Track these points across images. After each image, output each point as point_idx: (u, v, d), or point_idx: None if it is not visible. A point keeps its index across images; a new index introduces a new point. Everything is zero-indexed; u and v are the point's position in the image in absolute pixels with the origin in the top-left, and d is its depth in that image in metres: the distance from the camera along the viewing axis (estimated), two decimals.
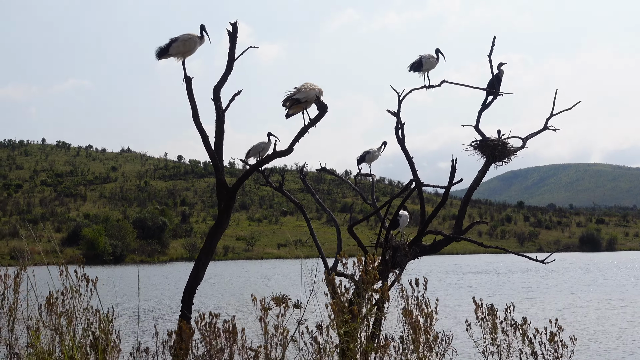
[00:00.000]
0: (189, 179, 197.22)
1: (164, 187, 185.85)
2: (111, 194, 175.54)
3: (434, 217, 13.15)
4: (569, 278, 68.75)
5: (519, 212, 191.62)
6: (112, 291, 42.60)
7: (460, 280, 66.91)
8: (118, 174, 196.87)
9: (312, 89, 11.17)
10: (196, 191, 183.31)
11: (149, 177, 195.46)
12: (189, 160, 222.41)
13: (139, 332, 9.59)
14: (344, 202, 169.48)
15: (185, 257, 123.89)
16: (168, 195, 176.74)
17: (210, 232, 11.32)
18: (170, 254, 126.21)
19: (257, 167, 11.98)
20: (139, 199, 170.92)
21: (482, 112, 14.55)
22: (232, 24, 11.36)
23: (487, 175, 14.28)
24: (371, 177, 16.80)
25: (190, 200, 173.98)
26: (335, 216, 16.25)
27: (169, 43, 11.56)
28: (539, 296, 49.95)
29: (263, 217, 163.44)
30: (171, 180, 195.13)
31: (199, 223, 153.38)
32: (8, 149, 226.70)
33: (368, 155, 16.42)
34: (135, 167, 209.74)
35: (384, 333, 8.26)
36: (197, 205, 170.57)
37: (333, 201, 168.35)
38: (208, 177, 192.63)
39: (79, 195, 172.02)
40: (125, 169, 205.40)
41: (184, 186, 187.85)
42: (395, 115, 14.22)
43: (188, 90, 11.35)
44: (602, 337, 31.48)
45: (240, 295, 48.48)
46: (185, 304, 10.60)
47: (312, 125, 11.00)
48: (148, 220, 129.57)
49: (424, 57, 14.35)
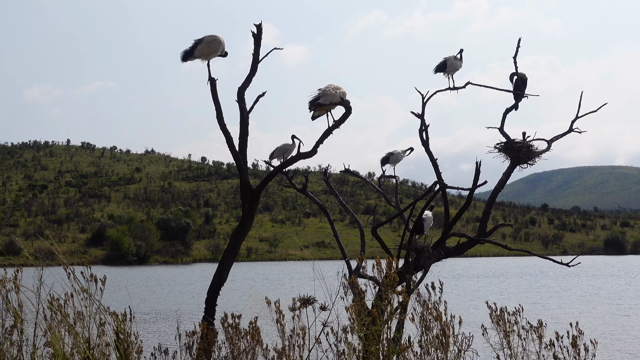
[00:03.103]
0: (213, 180, 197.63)
1: (188, 189, 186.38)
2: (135, 194, 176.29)
3: (458, 219, 13.09)
4: (595, 282, 68.10)
5: (543, 214, 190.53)
6: (136, 291, 42.60)
7: (481, 283, 66.60)
8: (142, 175, 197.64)
9: (336, 91, 11.15)
10: (219, 192, 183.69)
11: (172, 178, 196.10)
12: (213, 161, 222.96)
13: (161, 332, 9.62)
14: (367, 203, 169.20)
15: (209, 258, 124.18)
16: (191, 197, 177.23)
17: (234, 234, 11.31)
18: (194, 255, 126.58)
19: (281, 169, 11.98)
20: (163, 200, 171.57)
21: (507, 114, 14.47)
22: (257, 25, 11.33)
23: (511, 178, 14.17)
24: (395, 178, 16.74)
25: (213, 201, 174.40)
26: (358, 218, 16.21)
27: (194, 45, 11.56)
28: (563, 299, 49.53)
29: (286, 218, 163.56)
30: (195, 182, 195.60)
31: (222, 224, 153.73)
32: (33, 149, 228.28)
33: (392, 156, 16.36)
34: (159, 168, 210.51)
35: (406, 336, 8.21)
36: (220, 206, 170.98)
37: (356, 203, 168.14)
38: (231, 179, 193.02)
39: (104, 196, 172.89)
40: (149, 170, 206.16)
41: (207, 187, 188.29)
42: (420, 117, 14.17)
43: (213, 91, 11.33)
44: (625, 342, 31.22)
45: (265, 297, 48.59)
46: (208, 306, 10.58)
47: (337, 127, 10.98)
48: (172, 221, 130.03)
49: (448, 59, 14.30)
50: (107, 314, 7.27)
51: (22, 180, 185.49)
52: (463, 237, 13.67)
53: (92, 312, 7.31)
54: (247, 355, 7.06)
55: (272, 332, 7.87)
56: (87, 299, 7.34)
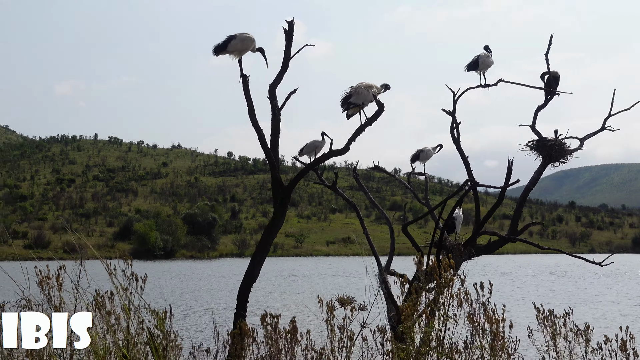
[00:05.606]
0: (239, 175, 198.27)
1: (214, 183, 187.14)
2: (162, 189, 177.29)
3: (489, 218, 13.03)
4: (630, 282, 66.88)
5: (571, 212, 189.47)
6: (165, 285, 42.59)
7: (511, 280, 66.17)
8: (169, 170, 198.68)
9: (368, 91, 11.12)
10: (246, 187, 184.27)
11: (199, 173, 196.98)
12: (239, 156, 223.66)
13: (190, 327, 9.63)
14: (393, 200, 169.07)
15: (235, 253, 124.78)
16: (218, 192, 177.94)
17: (266, 230, 11.31)
18: (220, 250, 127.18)
19: (312, 166, 11.98)
20: (189, 194, 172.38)
21: (539, 112, 14.35)
22: (289, 22, 11.27)
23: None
24: (425, 176, 16.66)
25: (239, 196, 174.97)
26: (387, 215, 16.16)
27: (227, 40, 11.53)
28: (600, 300, 48.80)
29: (312, 214, 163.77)
30: (221, 177, 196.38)
31: (249, 219, 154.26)
32: (61, 144, 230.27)
33: (422, 153, 16.26)
34: (185, 163, 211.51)
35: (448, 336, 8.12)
36: (246, 201, 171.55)
37: (382, 199, 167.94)
38: (258, 174, 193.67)
39: (131, 191, 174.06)
40: (176, 164, 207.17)
41: (233, 182, 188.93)
42: (451, 114, 14.08)
43: (245, 88, 11.30)
44: None
45: (297, 293, 48.62)
46: (240, 303, 10.58)
47: (369, 125, 10.94)
48: (198, 216, 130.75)
49: (480, 56, 14.18)
50: (147, 311, 7.29)
51: (50, 174, 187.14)
52: (494, 235, 13.59)
53: (131, 310, 7.34)
54: (286, 354, 7.07)
55: (312, 331, 7.83)
56: (126, 297, 7.37)
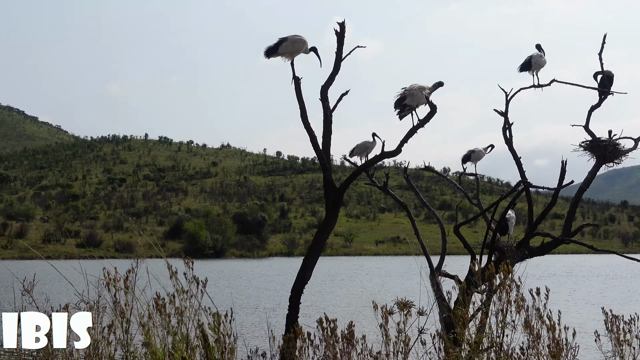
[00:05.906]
0: (288, 174, 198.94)
1: (263, 183, 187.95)
2: (211, 188, 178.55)
3: (542, 219, 12.91)
4: None
5: (623, 211, 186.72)
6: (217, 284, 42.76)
7: (563, 282, 65.30)
8: (218, 169, 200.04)
9: (421, 93, 11.08)
10: (294, 187, 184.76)
11: (248, 173, 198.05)
12: (288, 156, 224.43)
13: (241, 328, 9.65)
14: (442, 199, 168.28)
15: (285, 252, 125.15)
16: (267, 191, 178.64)
17: (318, 232, 11.29)
18: (270, 249, 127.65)
19: (364, 168, 11.97)
20: (239, 194, 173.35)
21: (592, 112, 14.18)
22: (340, 23, 11.21)
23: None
24: (476, 176, 16.55)
25: (288, 196, 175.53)
26: (437, 215, 16.09)
27: (278, 43, 11.51)
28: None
29: (361, 213, 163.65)
30: (270, 176, 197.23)
31: (298, 219, 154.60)
32: (112, 144, 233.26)
33: (473, 154, 16.17)
34: (234, 163, 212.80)
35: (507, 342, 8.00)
36: (295, 201, 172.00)
37: (431, 198, 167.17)
38: (306, 173, 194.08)
39: (181, 190, 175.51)
40: (225, 164, 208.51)
41: (282, 182, 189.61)
42: (503, 115, 13.97)
43: (297, 90, 11.27)
44: None
45: (347, 294, 48.50)
46: (292, 305, 10.58)
47: (421, 126, 10.90)
48: (247, 215, 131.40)
49: (533, 56, 14.03)
50: (209, 314, 7.33)
51: (102, 174, 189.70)
52: (547, 236, 13.46)
53: (191, 312, 7.40)
54: (342, 358, 7.07)
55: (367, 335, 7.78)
56: (187, 299, 7.44)
